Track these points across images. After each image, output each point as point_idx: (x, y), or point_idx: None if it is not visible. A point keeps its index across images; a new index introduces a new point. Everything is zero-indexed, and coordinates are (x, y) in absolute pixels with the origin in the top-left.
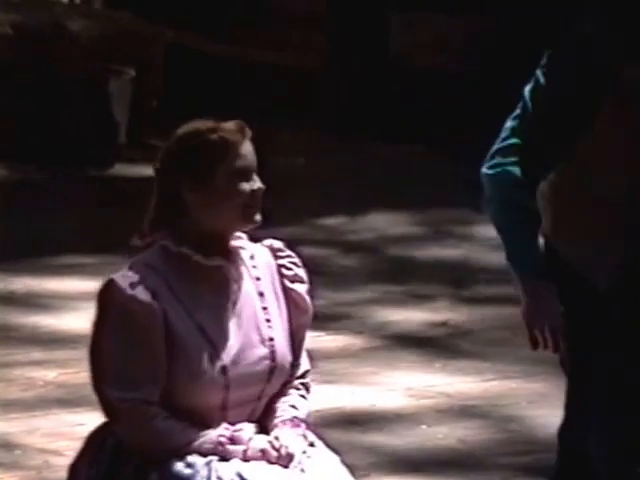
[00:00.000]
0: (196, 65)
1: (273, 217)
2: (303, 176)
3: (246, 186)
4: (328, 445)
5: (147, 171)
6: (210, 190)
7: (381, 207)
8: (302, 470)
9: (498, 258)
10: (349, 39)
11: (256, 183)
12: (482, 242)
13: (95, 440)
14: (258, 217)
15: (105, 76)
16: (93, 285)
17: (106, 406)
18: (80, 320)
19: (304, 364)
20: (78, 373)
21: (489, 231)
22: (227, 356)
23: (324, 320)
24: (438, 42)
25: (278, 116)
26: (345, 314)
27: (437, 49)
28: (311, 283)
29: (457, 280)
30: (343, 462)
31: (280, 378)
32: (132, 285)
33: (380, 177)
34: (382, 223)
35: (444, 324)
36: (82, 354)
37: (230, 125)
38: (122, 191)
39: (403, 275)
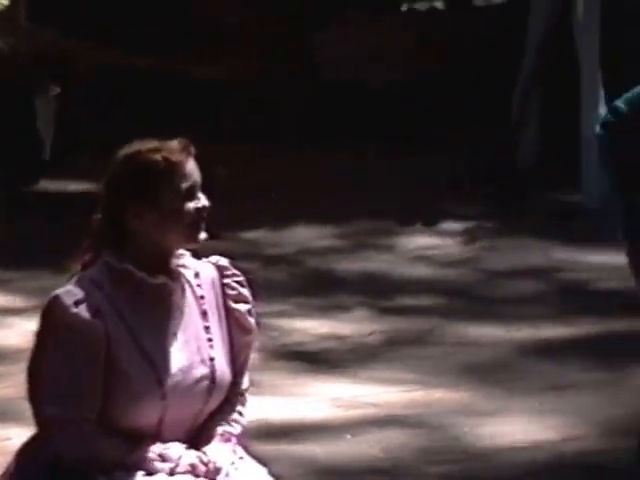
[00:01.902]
0: (125, 80)
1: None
2: (224, 188)
3: (191, 205)
4: (256, 457)
5: (72, 186)
6: (155, 211)
7: (304, 220)
8: None
9: (419, 269)
10: (278, 53)
11: (201, 201)
12: (403, 253)
13: (27, 453)
14: (202, 236)
15: (30, 93)
16: (19, 301)
17: (41, 421)
18: (7, 335)
19: (244, 382)
20: (5, 388)
21: (410, 242)
22: (167, 378)
23: None
24: (366, 54)
25: (203, 128)
26: (269, 326)
27: (365, 61)
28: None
29: (379, 291)
30: (270, 473)
31: (218, 398)
32: (76, 303)
33: (303, 189)
34: (304, 236)
35: (370, 334)
36: (9, 369)
37: (174, 144)
38: (47, 206)
39: (326, 287)
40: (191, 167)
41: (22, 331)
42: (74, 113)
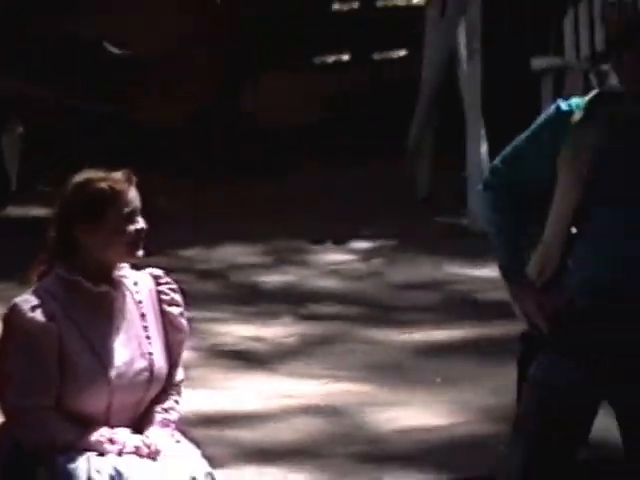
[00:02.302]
0: (80, 121)
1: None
2: (165, 214)
3: (131, 227)
4: (191, 441)
5: (34, 212)
6: (101, 231)
7: (231, 240)
8: (167, 462)
9: (330, 282)
10: (210, 100)
11: (140, 224)
12: (317, 268)
13: None
14: (140, 253)
15: None
16: None
17: (7, 410)
18: None
19: (179, 374)
20: None
21: (323, 259)
22: (112, 369)
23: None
24: (282, 101)
25: (148, 164)
26: (202, 330)
27: (280, 108)
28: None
29: (297, 301)
30: (203, 455)
31: (157, 387)
32: (32, 308)
33: (229, 214)
34: (231, 253)
35: (288, 337)
36: None
37: (118, 175)
38: (13, 228)
39: (251, 297)
40: (133, 195)
41: None
42: (36, 150)
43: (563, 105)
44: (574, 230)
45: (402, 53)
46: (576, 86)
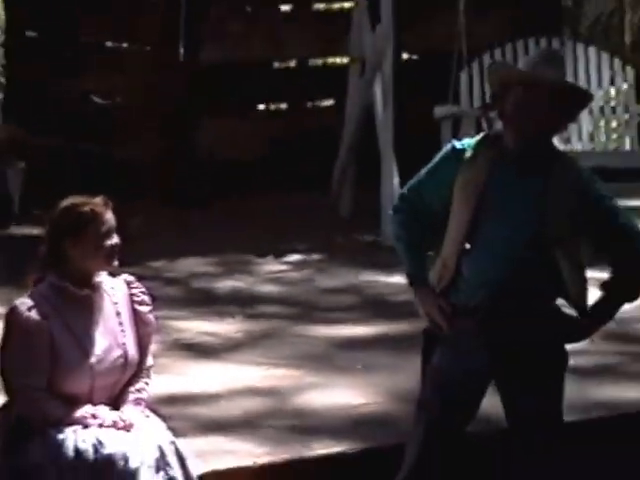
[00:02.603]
0: (73, 160)
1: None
2: (137, 233)
3: (108, 242)
4: (158, 416)
5: (33, 231)
6: (84, 245)
7: (191, 253)
8: (139, 433)
9: (271, 287)
10: (173, 139)
11: (114, 240)
12: (260, 276)
13: None
14: (115, 263)
15: (4, 167)
16: None
17: (8, 389)
18: None
19: (149, 361)
20: None
21: (265, 268)
22: (93, 357)
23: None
24: (232, 141)
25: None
26: (167, 326)
27: (230, 146)
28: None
29: (244, 302)
30: (168, 427)
31: (130, 371)
32: (28, 309)
33: (190, 232)
34: (191, 264)
35: (237, 332)
36: None
37: (97, 200)
38: (15, 244)
39: (206, 300)
40: (109, 216)
41: None
42: (35, 180)
43: (457, 144)
44: (467, 246)
45: (330, 103)
46: (470, 130)
